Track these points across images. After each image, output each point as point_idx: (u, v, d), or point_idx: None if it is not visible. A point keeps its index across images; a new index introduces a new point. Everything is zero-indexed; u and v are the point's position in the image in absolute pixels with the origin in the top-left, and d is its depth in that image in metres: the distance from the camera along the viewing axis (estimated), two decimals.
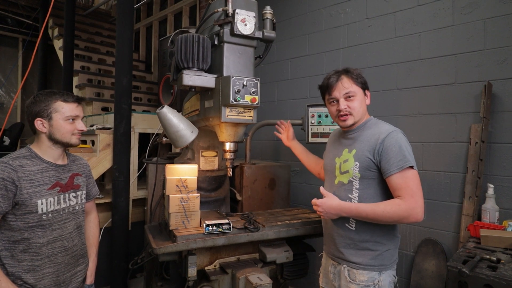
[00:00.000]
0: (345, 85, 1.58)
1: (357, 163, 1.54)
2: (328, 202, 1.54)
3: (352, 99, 1.58)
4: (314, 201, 1.58)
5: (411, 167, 1.44)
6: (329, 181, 1.71)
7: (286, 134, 2.24)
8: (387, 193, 1.52)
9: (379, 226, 1.52)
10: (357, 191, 1.54)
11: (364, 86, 1.63)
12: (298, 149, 2.19)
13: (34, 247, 1.44)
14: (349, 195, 1.57)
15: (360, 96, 1.60)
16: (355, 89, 1.59)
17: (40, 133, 1.52)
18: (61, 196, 1.54)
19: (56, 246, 1.51)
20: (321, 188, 1.63)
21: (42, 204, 1.45)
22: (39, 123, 1.50)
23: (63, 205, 1.54)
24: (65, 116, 1.53)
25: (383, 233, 1.54)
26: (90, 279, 1.73)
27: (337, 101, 1.60)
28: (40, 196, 1.44)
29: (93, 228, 1.82)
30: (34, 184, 1.44)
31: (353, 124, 1.62)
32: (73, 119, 1.56)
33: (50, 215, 1.48)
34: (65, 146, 1.58)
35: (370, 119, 1.65)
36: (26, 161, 1.45)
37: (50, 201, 1.48)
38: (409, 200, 1.41)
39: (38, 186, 1.45)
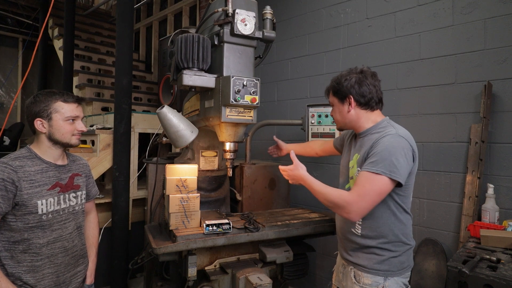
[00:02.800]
0: (328, 95, 1.67)
1: (359, 169, 1.50)
2: (295, 171, 1.61)
3: (332, 108, 1.66)
4: (282, 167, 1.68)
5: (379, 174, 1.36)
6: (341, 184, 1.69)
7: (278, 150, 2.33)
8: (394, 201, 1.48)
9: (384, 233, 1.49)
10: None
11: (341, 95, 1.56)
12: (296, 149, 2.23)
13: (34, 247, 1.43)
14: None
15: (337, 106, 1.62)
16: (332, 99, 1.64)
17: (40, 133, 1.51)
18: (61, 197, 1.53)
19: (56, 246, 1.51)
20: (291, 152, 1.68)
21: (42, 204, 1.44)
22: (38, 123, 1.49)
23: (63, 206, 1.54)
24: (65, 117, 1.52)
25: (389, 240, 1.50)
26: (90, 279, 1.72)
27: None
28: (40, 196, 1.44)
29: (92, 228, 1.82)
30: (34, 185, 1.43)
31: (340, 129, 1.70)
32: (73, 120, 1.55)
33: (50, 215, 1.48)
34: (65, 147, 1.58)
35: (382, 122, 1.56)
36: (26, 162, 1.45)
37: (50, 201, 1.48)
38: (353, 196, 1.39)
39: (38, 186, 1.44)
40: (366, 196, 1.37)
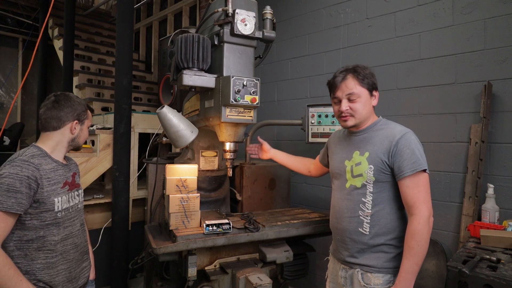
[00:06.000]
0: (349, 86, 1.54)
1: (371, 166, 1.50)
2: None
3: (355, 100, 1.54)
4: None
5: (424, 170, 1.44)
6: (338, 185, 1.67)
7: (260, 151, 2.20)
8: (400, 196, 1.50)
9: (392, 229, 1.51)
10: (371, 195, 1.51)
11: (371, 87, 1.57)
12: (280, 157, 2.16)
13: (48, 244, 1.45)
14: (363, 199, 1.53)
15: (364, 97, 1.55)
16: (359, 90, 1.54)
17: (63, 134, 1.55)
18: (69, 195, 1.57)
19: (68, 243, 1.54)
20: None
21: (58, 202, 1.47)
22: (74, 125, 1.57)
23: (71, 203, 1.58)
24: (89, 124, 1.67)
25: (397, 236, 1.51)
26: (92, 275, 1.77)
27: (340, 101, 1.58)
28: (56, 194, 1.47)
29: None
30: (51, 182, 1.46)
31: (354, 126, 1.59)
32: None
33: (63, 212, 1.51)
34: (74, 150, 1.67)
35: (380, 119, 1.62)
36: (41, 160, 1.47)
37: (64, 199, 1.51)
38: (422, 208, 1.41)
39: (54, 184, 1.47)
40: (428, 198, 1.45)
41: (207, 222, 1.79)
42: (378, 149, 1.51)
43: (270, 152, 2.17)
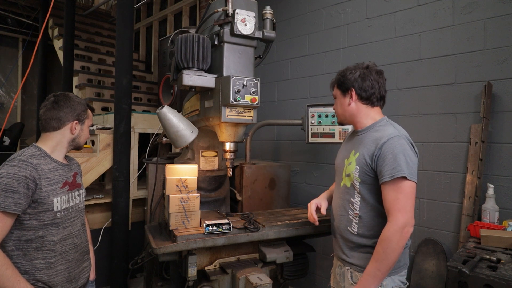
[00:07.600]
0: (333, 88, 1.68)
1: (358, 167, 1.51)
2: None
3: (335, 101, 1.68)
4: None
5: (405, 177, 1.36)
6: (337, 182, 1.69)
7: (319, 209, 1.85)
8: None
9: (380, 231, 1.47)
10: (359, 195, 1.52)
11: (343, 87, 1.57)
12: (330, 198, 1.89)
13: (47, 244, 1.45)
14: (352, 199, 1.54)
15: (339, 99, 1.63)
16: (335, 92, 1.65)
17: (63, 134, 1.55)
18: (69, 195, 1.57)
19: (67, 243, 1.53)
20: None
21: (57, 202, 1.47)
22: (74, 125, 1.57)
23: (71, 203, 1.57)
24: (90, 124, 1.67)
25: None
26: (93, 275, 1.77)
27: None
28: (55, 194, 1.47)
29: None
30: (50, 183, 1.46)
31: (342, 124, 1.71)
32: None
33: (63, 213, 1.51)
34: (75, 149, 1.67)
35: (381, 120, 1.57)
36: (40, 160, 1.47)
37: (63, 199, 1.51)
38: (396, 216, 1.36)
39: (53, 184, 1.47)
40: (405, 206, 1.37)
41: (207, 222, 1.79)
42: (365, 151, 1.50)
43: (325, 203, 1.85)
